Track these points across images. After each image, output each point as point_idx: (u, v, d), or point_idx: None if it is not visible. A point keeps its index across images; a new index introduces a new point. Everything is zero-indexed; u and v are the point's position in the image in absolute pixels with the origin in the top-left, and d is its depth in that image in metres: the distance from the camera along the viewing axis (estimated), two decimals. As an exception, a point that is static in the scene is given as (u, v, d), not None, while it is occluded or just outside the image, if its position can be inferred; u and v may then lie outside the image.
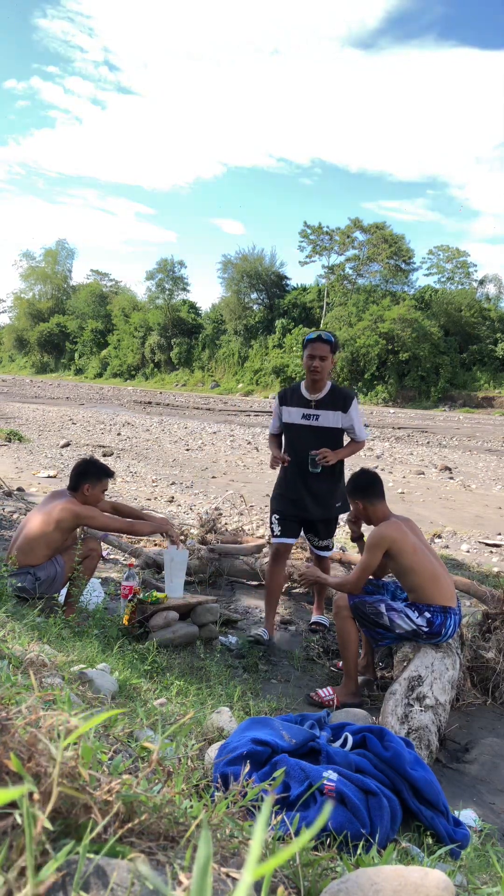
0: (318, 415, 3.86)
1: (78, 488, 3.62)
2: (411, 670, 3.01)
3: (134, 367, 56.67)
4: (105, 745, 1.01)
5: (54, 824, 0.60)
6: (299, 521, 3.99)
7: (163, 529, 3.81)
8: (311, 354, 3.77)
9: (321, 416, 3.86)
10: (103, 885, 0.56)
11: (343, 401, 3.87)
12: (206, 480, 9.68)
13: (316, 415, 3.87)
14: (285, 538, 3.98)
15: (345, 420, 3.86)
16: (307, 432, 3.88)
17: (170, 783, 0.82)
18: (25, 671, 1.39)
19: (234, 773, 1.13)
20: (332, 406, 3.87)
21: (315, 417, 3.87)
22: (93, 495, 3.62)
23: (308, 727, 1.46)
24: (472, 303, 42.26)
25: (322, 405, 3.88)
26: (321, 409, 3.86)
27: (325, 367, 3.78)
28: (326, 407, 3.87)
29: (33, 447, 12.29)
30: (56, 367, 65.20)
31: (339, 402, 3.87)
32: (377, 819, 1.19)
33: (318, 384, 3.85)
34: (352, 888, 0.65)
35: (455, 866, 1.23)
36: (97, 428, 16.62)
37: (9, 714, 0.69)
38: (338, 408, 3.86)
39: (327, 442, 3.83)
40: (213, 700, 2.42)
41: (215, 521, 5.63)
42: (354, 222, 47.06)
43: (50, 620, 2.82)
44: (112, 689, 1.86)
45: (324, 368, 3.77)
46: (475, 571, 5.56)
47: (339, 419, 3.86)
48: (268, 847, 0.80)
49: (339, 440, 3.91)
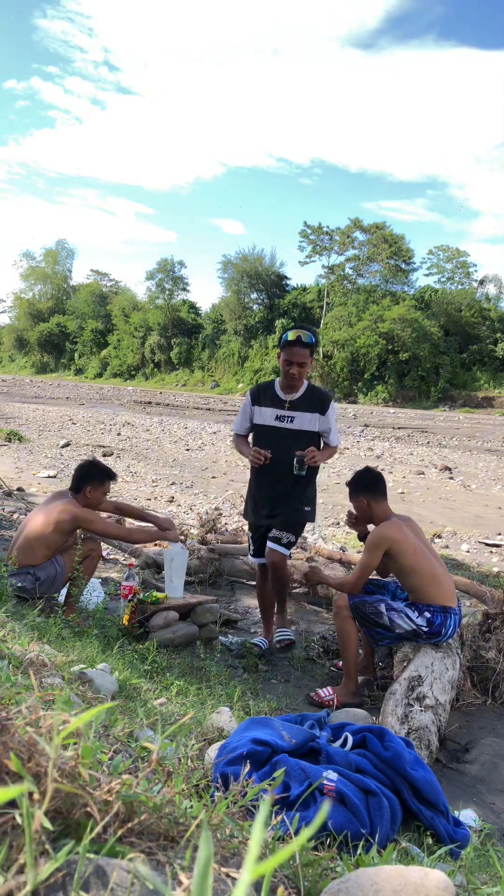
0: (294, 416, 3.58)
1: (80, 490, 3.62)
2: (411, 670, 3.01)
3: (134, 367, 56.68)
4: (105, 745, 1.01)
5: (54, 824, 0.60)
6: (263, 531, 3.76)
7: (162, 538, 3.82)
8: (288, 360, 3.48)
9: (297, 418, 3.58)
10: (103, 885, 0.56)
11: (321, 402, 3.61)
12: (206, 480, 9.68)
13: (291, 416, 3.58)
14: (261, 557, 3.80)
15: (322, 423, 3.60)
16: (280, 435, 3.59)
17: (170, 783, 0.82)
18: (25, 671, 1.39)
19: (234, 773, 1.13)
20: (308, 407, 3.60)
21: (290, 419, 3.58)
22: (94, 498, 3.62)
23: (308, 727, 1.46)
24: (472, 303, 42.27)
25: (298, 406, 3.59)
26: (297, 411, 3.58)
27: (304, 374, 3.53)
28: (303, 408, 3.59)
29: (33, 447, 12.29)
30: (56, 367, 65.20)
31: (317, 403, 3.61)
32: (377, 819, 1.19)
33: (295, 387, 3.59)
34: (352, 888, 0.65)
35: (455, 866, 1.23)
36: (97, 428, 16.62)
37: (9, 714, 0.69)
38: (315, 409, 3.59)
39: (301, 446, 3.53)
40: (213, 700, 2.42)
41: (215, 521, 5.63)
42: (354, 222, 47.08)
43: (50, 620, 2.82)
44: (112, 689, 1.86)
45: (302, 375, 3.52)
46: (475, 571, 5.56)
47: (316, 422, 3.60)
48: (267, 847, 0.80)
49: (315, 444, 3.63)
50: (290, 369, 3.47)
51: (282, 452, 3.49)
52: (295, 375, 3.48)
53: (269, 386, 3.70)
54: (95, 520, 3.55)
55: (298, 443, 3.52)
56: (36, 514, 3.62)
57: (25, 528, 3.60)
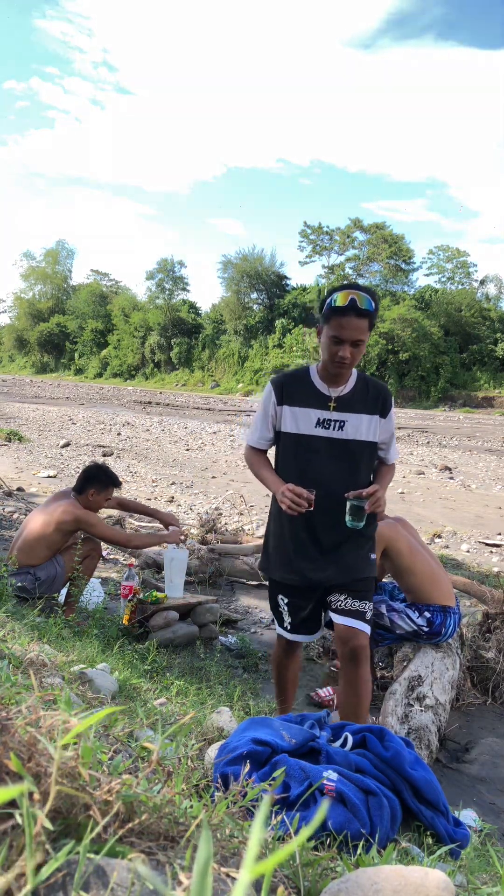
0: (344, 420, 2.42)
1: (83, 492, 3.63)
2: (411, 670, 3.01)
3: (134, 367, 56.68)
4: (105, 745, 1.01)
5: (55, 824, 0.60)
6: (317, 600, 2.55)
7: (161, 542, 3.83)
8: (336, 336, 2.28)
9: (348, 422, 2.42)
10: (103, 885, 0.56)
11: (381, 400, 2.48)
12: (206, 480, 9.68)
13: (340, 420, 2.42)
14: (299, 635, 2.60)
15: (382, 430, 2.48)
16: (325, 451, 2.42)
17: (170, 783, 0.82)
18: (25, 671, 1.39)
19: (234, 773, 1.13)
20: (364, 407, 2.45)
21: (338, 425, 2.42)
22: (96, 501, 3.63)
23: (308, 727, 1.46)
24: (472, 303, 42.27)
25: (349, 405, 2.43)
26: (348, 412, 2.42)
27: (358, 358, 2.35)
28: (357, 408, 2.44)
29: (33, 447, 12.29)
30: (56, 367, 65.21)
31: (375, 400, 2.47)
32: (377, 819, 1.19)
33: (344, 375, 2.41)
34: (352, 888, 0.65)
35: (455, 866, 1.23)
36: (97, 428, 16.62)
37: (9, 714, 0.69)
38: (373, 410, 2.46)
39: (356, 466, 2.44)
40: (213, 700, 2.42)
41: (215, 521, 5.63)
42: (354, 222, 47.09)
43: (50, 620, 2.82)
44: (112, 689, 1.86)
45: (356, 359, 2.34)
46: (475, 571, 5.56)
47: (375, 428, 2.45)
48: (267, 847, 0.80)
49: (372, 461, 2.53)
50: (341, 350, 2.28)
51: (328, 477, 2.40)
52: (346, 360, 2.30)
53: (301, 376, 2.51)
54: (96, 523, 3.56)
55: (351, 461, 2.43)
56: (37, 515, 3.63)
57: (26, 528, 3.61)
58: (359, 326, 2.27)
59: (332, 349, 2.32)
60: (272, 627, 4.22)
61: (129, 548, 3.75)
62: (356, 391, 2.47)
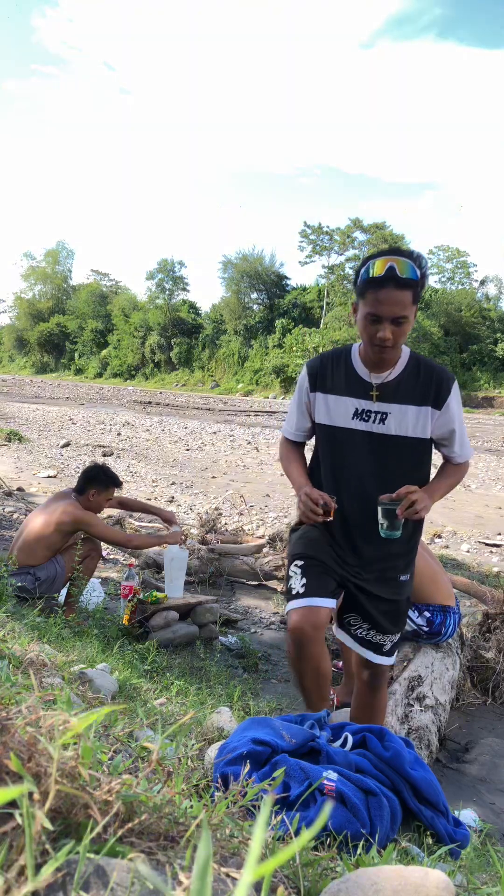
0: (387, 412, 2.08)
1: (84, 492, 3.63)
2: (411, 670, 3.01)
3: (134, 367, 56.69)
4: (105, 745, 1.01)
5: (54, 824, 0.60)
6: (338, 581, 2.19)
7: (163, 542, 3.84)
8: (373, 313, 1.93)
9: (392, 414, 2.08)
10: (103, 884, 0.56)
11: (435, 386, 2.07)
12: (206, 480, 9.68)
13: (382, 413, 2.08)
14: (312, 598, 2.11)
15: (438, 424, 2.09)
16: (363, 447, 2.10)
17: (170, 783, 0.82)
18: (25, 671, 1.39)
19: (234, 773, 1.13)
20: (411, 396, 2.07)
21: (380, 418, 2.08)
22: (97, 502, 3.63)
23: (308, 727, 1.46)
24: (472, 303, 42.29)
25: (394, 394, 2.08)
26: (392, 402, 2.07)
27: (402, 337, 1.99)
28: (403, 398, 2.07)
29: (33, 447, 12.29)
30: (56, 367, 65.23)
31: (427, 388, 2.07)
32: (377, 819, 1.19)
33: (388, 359, 2.05)
34: (352, 888, 0.65)
35: (455, 866, 1.23)
36: (97, 428, 16.62)
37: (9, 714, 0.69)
38: (423, 400, 2.07)
39: (401, 467, 2.10)
40: (213, 700, 2.42)
41: (215, 521, 5.63)
42: (354, 222, 47.08)
43: (50, 620, 2.82)
44: (112, 689, 1.86)
45: (398, 339, 1.98)
46: (475, 571, 5.56)
47: (425, 422, 2.07)
48: (268, 847, 0.80)
49: (424, 462, 2.14)
50: (380, 330, 1.94)
51: (367, 478, 2.10)
52: (388, 342, 1.95)
53: (342, 357, 2.17)
54: (96, 523, 3.56)
55: (397, 459, 2.10)
56: (37, 515, 3.63)
57: (26, 528, 3.61)
58: (400, 300, 1.91)
59: (370, 329, 1.97)
60: (272, 627, 4.22)
61: (128, 548, 3.75)
62: (404, 377, 2.08)
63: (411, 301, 1.94)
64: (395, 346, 2.00)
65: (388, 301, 1.91)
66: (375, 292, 1.92)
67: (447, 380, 2.10)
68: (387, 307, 1.91)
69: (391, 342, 1.96)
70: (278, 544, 5.25)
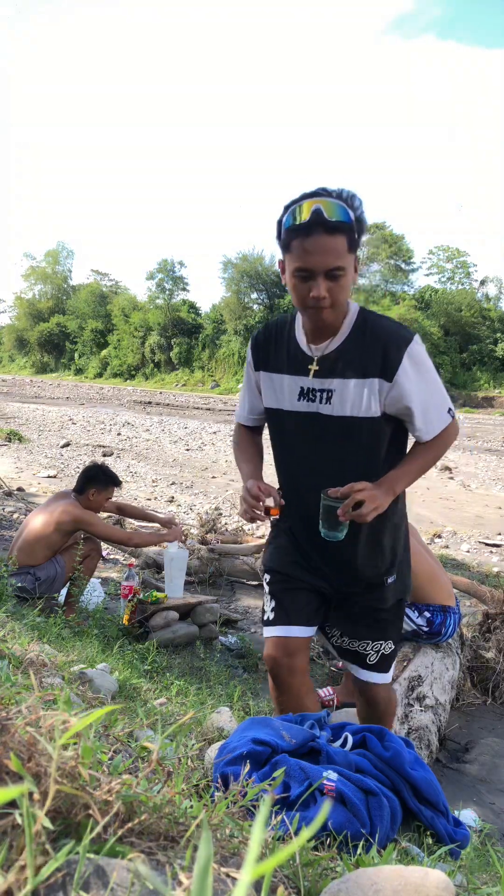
0: (331, 389, 1.73)
1: (83, 492, 3.64)
2: (411, 670, 3.01)
3: (134, 367, 56.69)
4: (105, 745, 1.01)
5: (54, 824, 0.60)
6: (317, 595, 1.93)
7: (161, 541, 3.84)
8: (303, 267, 1.62)
9: (335, 391, 1.73)
10: (103, 884, 0.56)
11: (382, 352, 1.68)
12: (206, 480, 9.68)
13: (326, 390, 1.74)
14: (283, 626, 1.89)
15: (391, 399, 1.70)
16: (312, 431, 1.78)
17: (170, 783, 0.82)
18: (25, 671, 1.39)
19: (234, 773, 1.13)
20: (354, 367, 1.71)
21: (325, 397, 1.74)
22: (96, 501, 3.64)
23: (308, 727, 1.46)
24: (472, 303, 42.28)
25: (332, 367, 1.73)
26: (331, 377, 1.73)
27: (341, 296, 1.65)
28: (343, 370, 1.72)
29: (33, 447, 12.29)
30: (56, 367, 65.24)
31: (373, 355, 1.69)
32: (377, 819, 1.19)
33: (330, 325, 1.71)
34: (352, 888, 0.65)
35: (455, 866, 1.23)
36: (97, 428, 16.62)
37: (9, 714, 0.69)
38: (368, 370, 1.69)
39: (357, 453, 1.76)
40: (213, 700, 2.42)
41: (215, 521, 5.63)
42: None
43: (50, 620, 2.82)
44: (112, 689, 1.86)
45: (337, 298, 1.64)
46: (475, 571, 5.56)
47: (373, 397, 1.70)
48: (268, 847, 0.80)
49: (385, 445, 1.78)
50: (312, 288, 1.62)
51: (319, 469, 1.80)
52: (323, 301, 1.62)
53: (283, 326, 1.86)
54: (96, 522, 3.57)
55: (350, 447, 1.76)
56: (37, 515, 3.63)
57: (26, 528, 3.62)
58: (332, 248, 1.59)
59: (301, 289, 1.64)
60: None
61: (129, 546, 3.76)
62: (348, 344, 1.72)
63: (347, 248, 1.61)
64: (335, 306, 1.65)
65: (317, 250, 1.59)
66: (302, 241, 1.60)
67: (397, 342, 1.69)
68: (317, 257, 1.59)
69: (328, 301, 1.63)
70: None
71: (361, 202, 1.66)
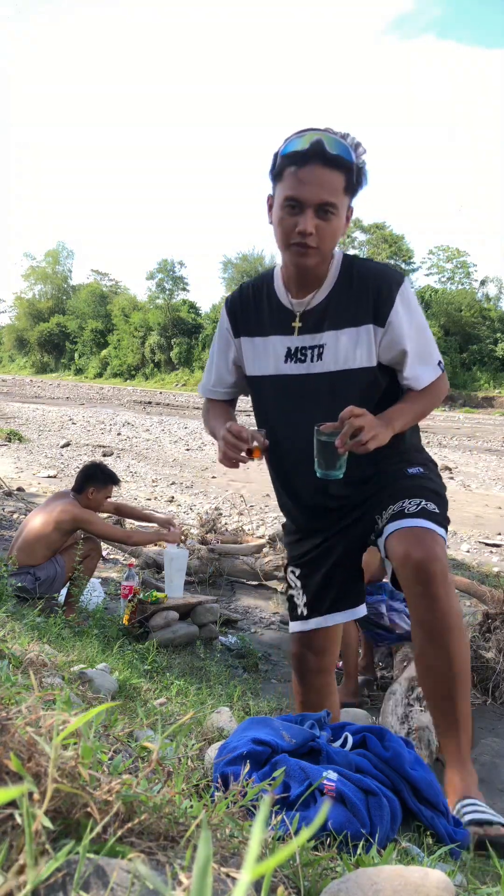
0: (321, 344, 1.62)
1: (82, 490, 3.64)
2: (411, 670, 3.01)
3: (134, 367, 56.70)
4: (105, 745, 1.01)
5: (54, 824, 0.60)
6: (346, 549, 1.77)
7: (160, 539, 3.84)
8: (294, 197, 1.49)
9: (327, 346, 1.61)
10: (103, 884, 0.56)
11: (374, 295, 1.59)
12: (206, 480, 9.67)
13: (316, 346, 1.62)
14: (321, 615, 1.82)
15: (385, 345, 1.60)
16: (305, 396, 1.65)
17: (170, 783, 0.82)
18: (25, 671, 1.40)
19: (234, 773, 1.13)
20: (344, 316, 1.60)
21: (316, 354, 1.62)
22: (95, 500, 3.64)
23: (308, 727, 1.46)
24: (473, 303, 42.30)
25: (321, 320, 1.62)
26: (321, 331, 1.62)
27: (330, 238, 1.53)
28: (333, 320, 1.61)
29: (33, 447, 12.29)
30: (56, 367, 65.25)
31: (365, 300, 1.59)
32: (377, 819, 1.19)
33: (313, 273, 1.59)
34: (352, 888, 0.65)
35: (455, 866, 1.23)
36: (97, 428, 16.61)
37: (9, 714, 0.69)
38: (361, 317, 1.59)
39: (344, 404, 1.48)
40: (213, 700, 2.42)
41: (215, 521, 5.63)
42: (354, 222, 47.08)
43: (50, 620, 2.82)
44: (112, 689, 1.86)
45: (326, 240, 1.52)
46: (475, 571, 5.56)
47: (369, 345, 1.59)
48: (268, 846, 0.80)
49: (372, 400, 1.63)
50: (300, 221, 1.49)
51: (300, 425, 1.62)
52: (310, 238, 1.50)
53: (261, 285, 1.74)
54: (95, 521, 3.57)
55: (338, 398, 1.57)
56: (36, 514, 3.64)
57: (25, 527, 3.62)
58: (328, 181, 1.46)
59: (287, 223, 1.50)
60: (272, 627, 4.22)
61: (128, 545, 3.75)
62: (336, 295, 1.59)
63: (343, 187, 1.49)
64: (320, 248, 1.51)
65: (312, 180, 1.46)
66: (297, 170, 1.48)
67: (388, 284, 1.58)
68: (311, 188, 1.46)
69: (314, 240, 1.49)
70: (278, 544, 5.25)
71: (366, 152, 1.56)
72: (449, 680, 1.46)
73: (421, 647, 1.51)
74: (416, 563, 1.45)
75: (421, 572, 1.45)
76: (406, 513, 1.55)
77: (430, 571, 1.44)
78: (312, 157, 1.47)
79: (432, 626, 1.46)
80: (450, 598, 1.45)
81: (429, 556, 1.45)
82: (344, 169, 1.49)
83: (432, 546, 1.47)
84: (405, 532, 1.51)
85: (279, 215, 1.53)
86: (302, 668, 1.82)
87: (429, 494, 1.61)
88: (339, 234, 1.55)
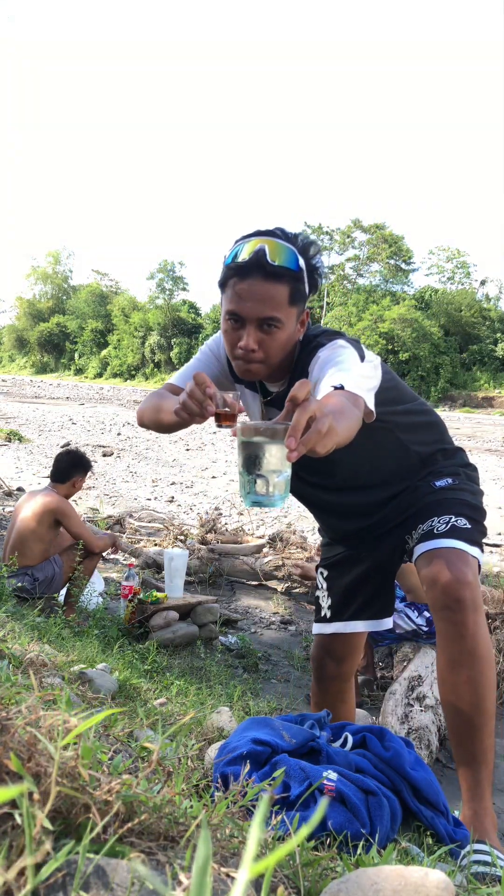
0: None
1: (68, 479, 3.64)
2: (411, 670, 3.01)
3: (134, 367, 56.70)
4: (105, 745, 1.01)
5: (55, 824, 0.60)
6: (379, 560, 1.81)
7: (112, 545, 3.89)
8: (234, 311, 1.43)
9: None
10: (103, 885, 0.56)
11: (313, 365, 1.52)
12: (206, 480, 9.67)
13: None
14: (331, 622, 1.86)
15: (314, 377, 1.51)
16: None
17: (170, 783, 0.82)
18: (25, 671, 1.40)
19: (234, 773, 1.13)
20: None
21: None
22: (77, 488, 3.67)
23: (308, 727, 1.46)
24: (472, 303, 42.31)
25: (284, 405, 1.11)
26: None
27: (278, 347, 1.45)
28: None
29: (33, 447, 12.29)
30: (56, 367, 65.25)
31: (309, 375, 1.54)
32: (377, 819, 1.19)
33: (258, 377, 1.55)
34: (352, 888, 0.65)
35: (455, 866, 1.23)
36: (97, 428, 16.61)
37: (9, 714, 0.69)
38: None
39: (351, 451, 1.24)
40: (213, 700, 2.42)
41: (215, 521, 5.63)
42: (354, 222, 47.13)
43: (50, 620, 2.82)
44: (112, 689, 1.86)
45: (271, 351, 1.45)
46: (475, 571, 5.55)
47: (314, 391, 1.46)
48: (267, 846, 0.80)
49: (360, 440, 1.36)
50: (242, 338, 1.43)
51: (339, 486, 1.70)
52: (253, 355, 1.44)
53: None
54: (74, 515, 3.58)
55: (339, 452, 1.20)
56: (22, 510, 3.63)
57: (15, 525, 3.62)
58: (268, 295, 1.39)
59: (230, 336, 1.45)
60: (272, 627, 4.22)
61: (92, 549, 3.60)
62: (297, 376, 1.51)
63: (287, 300, 1.41)
64: (266, 361, 1.44)
65: (251, 296, 1.39)
66: (237, 283, 1.41)
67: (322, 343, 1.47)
68: (250, 304, 1.39)
69: (258, 355, 1.43)
70: (278, 544, 5.25)
71: (319, 251, 1.52)
72: (469, 711, 1.39)
73: (442, 676, 1.45)
74: (444, 588, 1.41)
75: (449, 598, 1.41)
76: (435, 532, 1.52)
77: (459, 598, 1.40)
78: (252, 271, 1.39)
79: (457, 656, 1.41)
80: (478, 627, 1.41)
81: (458, 580, 1.42)
82: (287, 280, 1.41)
83: (462, 569, 1.44)
84: (434, 554, 1.49)
85: (224, 327, 1.48)
86: (321, 673, 1.85)
87: (459, 508, 1.59)
88: (290, 341, 1.47)
